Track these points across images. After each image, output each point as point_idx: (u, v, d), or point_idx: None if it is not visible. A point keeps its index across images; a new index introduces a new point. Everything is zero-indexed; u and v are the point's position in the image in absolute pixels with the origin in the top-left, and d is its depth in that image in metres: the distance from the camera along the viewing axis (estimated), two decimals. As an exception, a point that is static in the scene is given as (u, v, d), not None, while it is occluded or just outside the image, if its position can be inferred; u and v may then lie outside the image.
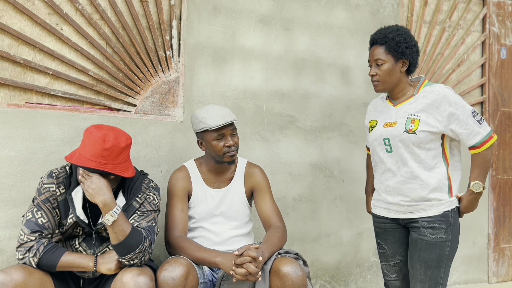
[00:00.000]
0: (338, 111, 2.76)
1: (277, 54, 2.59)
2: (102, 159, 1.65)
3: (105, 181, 1.68)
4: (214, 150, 1.97)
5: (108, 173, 1.65)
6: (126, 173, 1.70)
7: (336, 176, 2.75)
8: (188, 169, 2.06)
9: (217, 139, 1.95)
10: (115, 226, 1.64)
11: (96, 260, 1.70)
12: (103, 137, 1.65)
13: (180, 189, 1.99)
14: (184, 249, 1.86)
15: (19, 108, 2.03)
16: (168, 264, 1.69)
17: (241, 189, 2.08)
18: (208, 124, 1.92)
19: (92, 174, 1.67)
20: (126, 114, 2.23)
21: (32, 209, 1.71)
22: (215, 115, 1.94)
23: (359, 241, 2.82)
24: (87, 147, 1.66)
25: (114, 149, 1.67)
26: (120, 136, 1.71)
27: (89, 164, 1.64)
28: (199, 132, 1.99)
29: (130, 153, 1.80)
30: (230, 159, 1.98)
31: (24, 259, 1.63)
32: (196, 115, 2.00)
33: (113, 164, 1.67)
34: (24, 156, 2.02)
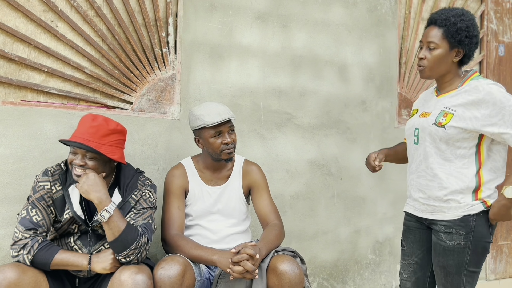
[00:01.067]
0: (336, 109, 2.75)
1: (274, 51, 2.58)
2: (88, 135, 1.67)
3: (100, 178, 1.69)
4: (211, 148, 1.96)
5: (92, 149, 1.65)
6: (112, 155, 1.69)
7: (334, 174, 2.74)
8: (184, 167, 2.04)
9: (215, 136, 1.94)
10: (111, 222, 1.64)
11: (90, 258, 1.69)
12: (93, 117, 1.72)
13: (177, 187, 1.98)
14: (181, 247, 1.85)
15: (14, 105, 2.01)
16: (164, 262, 1.68)
17: (238, 187, 2.07)
18: (206, 121, 1.91)
19: (88, 171, 1.68)
20: (122, 112, 2.22)
21: (27, 207, 1.70)
22: (213, 112, 1.93)
23: (357, 238, 2.81)
24: (77, 128, 1.72)
25: (101, 128, 1.69)
26: (110, 121, 1.74)
27: (75, 139, 1.66)
28: (196, 129, 1.98)
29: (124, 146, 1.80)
30: (227, 157, 1.97)
31: (19, 256, 1.62)
32: (193, 112, 1.98)
33: (98, 143, 1.67)
34: (19, 154, 2.01)
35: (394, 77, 2.94)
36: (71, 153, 1.72)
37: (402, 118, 2.99)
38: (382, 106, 2.90)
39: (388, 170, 2.91)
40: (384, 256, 2.90)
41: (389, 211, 2.92)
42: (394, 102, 2.95)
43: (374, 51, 2.87)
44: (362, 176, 2.83)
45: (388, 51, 2.92)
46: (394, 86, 2.95)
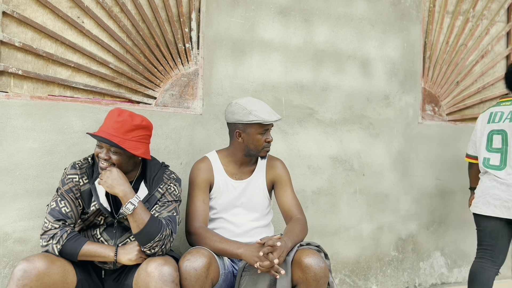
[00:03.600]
0: (358, 104, 2.72)
1: (296, 46, 2.56)
2: (113, 130, 1.70)
3: (123, 174, 1.72)
4: (254, 144, 1.96)
5: (115, 144, 1.67)
6: (135, 150, 1.71)
7: (356, 170, 2.72)
8: (210, 160, 2.05)
9: (262, 133, 1.95)
10: (135, 214, 1.66)
11: (116, 250, 1.72)
12: (118, 112, 1.74)
13: (202, 180, 1.99)
14: (206, 239, 1.86)
15: (42, 100, 2.06)
16: (190, 254, 1.69)
17: (262, 181, 2.07)
18: (262, 118, 1.90)
19: (112, 168, 1.71)
20: (146, 107, 2.24)
21: (56, 199, 1.74)
22: (265, 109, 1.94)
23: (380, 235, 2.78)
24: (104, 123, 1.74)
25: (125, 124, 1.71)
26: (136, 116, 1.75)
27: (100, 133, 1.69)
28: (242, 123, 1.95)
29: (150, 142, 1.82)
30: (265, 154, 2.01)
31: (48, 246, 1.66)
32: (243, 106, 1.94)
33: (122, 138, 1.70)
34: (47, 147, 2.06)
35: (418, 71, 2.90)
36: (97, 146, 1.75)
37: (426, 113, 2.94)
38: (405, 101, 2.86)
39: (411, 166, 2.87)
40: (407, 253, 2.86)
41: (412, 208, 2.88)
42: (418, 97, 2.90)
43: (397, 45, 2.83)
44: (385, 172, 2.79)
45: (412, 45, 2.87)
46: (418, 81, 2.90)
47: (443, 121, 2.98)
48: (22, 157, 2.01)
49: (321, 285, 1.71)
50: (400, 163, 2.84)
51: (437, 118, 2.97)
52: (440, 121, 2.97)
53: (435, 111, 2.97)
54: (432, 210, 2.94)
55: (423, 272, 2.90)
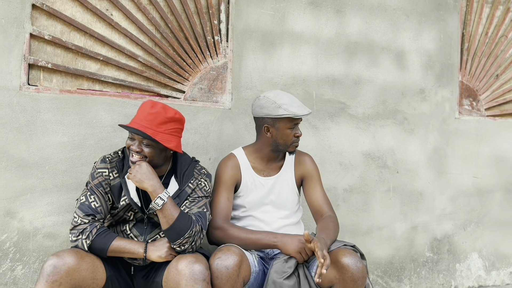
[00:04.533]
0: (392, 98, 2.61)
1: (328, 38, 2.47)
2: (146, 122, 1.66)
3: (152, 168, 1.68)
4: (284, 138, 1.90)
5: (148, 136, 1.63)
6: (167, 143, 1.67)
7: (390, 167, 2.61)
8: (237, 157, 1.99)
9: (291, 127, 1.88)
10: (164, 210, 1.62)
11: (146, 247, 1.68)
12: (152, 104, 1.70)
13: (229, 177, 1.93)
14: (235, 233, 1.80)
15: (71, 94, 2.04)
16: (221, 252, 1.64)
17: (291, 177, 2.00)
18: (293, 112, 1.82)
19: (141, 162, 1.67)
20: (175, 101, 2.20)
21: (86, 193, 1.71)
22: (295, 103, 1.87)
23: (414, 235, 2.67)
24: (137, 114, 1.71)
25: (159, 116, 1.67)
26: (169, 108, 1.71)
27: (133, 125, 1.65)
28: (271, 118, 1.87)
29: (182, 136, 1.77)
30: (294, 149, 1.95)
31: (77, 241, 1.63)
32: (272, 100, 1.86)
33: (155, 131, 1.65)
34: (76, 142, 2.03)
35: (455, 64, 2.76)
36: (129, 138, 1.71)
37: (464, 108, 2.80)
38: (442, 95, 2.73)
39: (448, 163, 2.74)
40: (443, 254, 2.74)
41: (448, 207, 2.75)
42: (455, 91, 2.77)
43: (433, 37, 2.70)
44: (420, 170, 2.68)
45: (449, 37, 2.74)
46: (455, 74, 2.76)
47: (481, 116, 2.84)
48: (52, 151, 2.00)
49: (358, 286, 1.63)
50: (435, 160, 2.72)
51: (475, 113, 2.83)
52: (478, 116, 2.83)
53: (473, 105, 2.83)
54: (469, 209, 2.80)
55: (459, 274, 2.78)
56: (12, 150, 1.94)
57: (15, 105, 1.95)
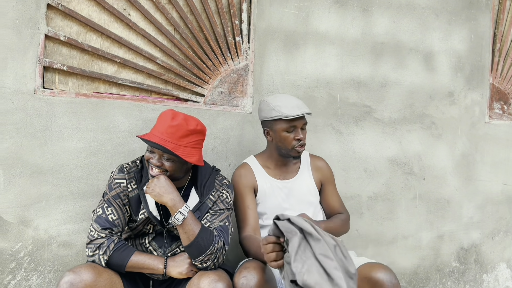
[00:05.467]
0: (420, 101, 2.49)
1: (353, 38, 2.36)
2: (167, 135, 1.56)
3: (171, 182, 1.60)
4: (282, 142, 1.82)
5: (169, 151, 1.54)
6: (189, 158, 1.58)
7: (416, 173, 2.50)
8: (249, 165, 1.91)
9: (287, 130, 1.80)
10: (185, 225, 1.54)
11: (166, 262, 1.60)
12: (172, 115, 1.60)
13: (244, 186, 1.85)
14: (248, 249, 1.71)
15: (87, 98, 1.96)
16: (246, 270, 1.54)
17: (310, 180, 1.95)
18: (283, 113, 1.76)
19: (159, 176, 1.59)
20: (195, 105, 2.11)
21: (103, 205, 1.63)
22: (290, 104, 1.79)
23: (440, 244, 2.56)
24: (156, 125, 1.62)
25: (180, 128, 1.57)
26: (191, 120, 1.62)
27: (153, 138, 1.56)
28: (268, 120, 1.84)
29: (203, 146, 1.68)
30: (297, 154, 1.85)
31: (94, 256, 1.55)
32: (268, 102, 1.83)
33: (176, 144, 1.56)
34: (92, 147, 1.96)
35: (486, 66, 2.63)
36: (148, 151, 1.62)
37: (494, 112, 2.67)
38: (471, 99, 2.60)
39: (476, 169, 2.62)
40: (470, 265, 2.63)
41: (476, 215, 2.63)
42: (486, 94, 2.63)
43: (464, 37, 2.57)
44: (447, 176, 2.56)
45: (480, 37, 2.60)
46: (486, 76, 2.63)
47: (512, 120, 2.71)
48: (67, 158, 1.92)
49: None
50: (464, 167, 2.60)
51: (506, 117, 2.70)
52: (509, 121, 2.70)
53: (504, 109, 2.69)
54: (497, 218, 2.68)
55: (486, 285, 2.66)
56: (27, 156, 1.87)
57: (30, 109, 1.87)
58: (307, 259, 1.25)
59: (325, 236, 1.30)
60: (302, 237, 1.29)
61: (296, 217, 1.31)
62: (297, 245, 1.27)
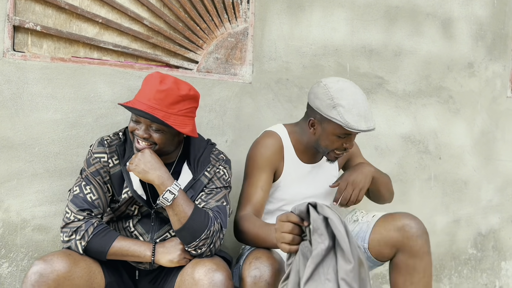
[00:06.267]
0: (437, 72, 2.26)
1: (365, 1, 2.11)
2: (155, 102, 1.33)
3: (157, 156, 1.38)
4: (326, 143, 1.54)
5: (158, 120, 1.31)
6: (182, 128, 1.35)
7: (432, 152, 2.28)
8: (280, 137, 1.61)
9: (341, 136, 1.50)
10: (175, 206, 1.32)
11: (155, 248, 1.38)
12: (161, 78, 1.37)
13: (268, 161, 1.54)
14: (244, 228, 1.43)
15: (64, 62, 1.71)
16: (257, 261, 1.29)
17: (335, 164, 1.72)
18: (345, 122, 1.43)
19: (144, 150, 1.37)
20: (187, 73, 1.87)
21: (80, 183, 1.41)
22: (357, 111, 1.44)
23: (456, 229, 2.35)
24: (142, 90, 1.38)
25: (171, 94, 1.34)
26: (182, 84, 1.39)
27: (138, 105, 1.33)
28: (321, 114, 1.50)
29: (196, 114, 1.45)
30: (334, 160, 1.58)
31: (70, 242, 1.33)
32: (329, 93, 1.47)
33: (166, 112, 1.33)
34: (71, 119, 1.72)
35: (510, 34, 2.40)
36: (133, 121, 1.39)
37: (516, 85, 2.45)
38: (493, 70, 2.37)
39: (496, 148, 2.41)
40: (487, 251, 2.43)
41: (496, 198, 2.43)
42: (508, 65, 2.41)
43: (486, 2, 2.33)
44: (465, 155, 2.35)
45: (503, 2, 2.37)
46: (509, 46, 2.40)
47: (535, 95, 2.49)
48: (42, 130, 1.69)
49: (424, 242, 1.41)
50: (483, 145, 2.38)
51: (529, 91, 2.48)
52: (532, 95, 2.48)
53: (527, 83, 2.47)
54: (517, 201, 2.48)
55: (504, 273, 2.47)
56: (-5, 129, 1.64)
57: (-2, 75, 1.63)
58: (326, 281, 1.05)
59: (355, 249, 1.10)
60: (331, 247, 1.08)
61: (335, 217, 1.09)
62: (320, 257, 1.07)
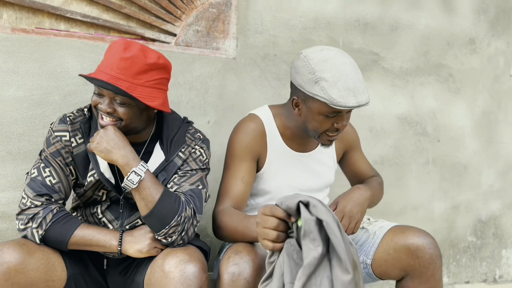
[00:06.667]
0: (436, 49, 2.11)
1: (359, -30, 1.96)
2: (118, 71, 1.18)
3: (121, 134, 1.23)
4: (313, 126, 1.33)
5: (122, 92, 1.17)
6: (150, 100, 1.21)
7: (430, 134, 2.14)
8: (263, 122, 1.42)
9: (328, 115, 1.29)
10: (142, 189, 1.18)
11: (122, 237, 1.24)
12: (125, 45, 1.22)
13: (248, 149, 1.37)
14: (223, 223, 1.29)
15: (27, 34, 1.56)
16: (237, 256, 1.15)
17: (331, 153, 1.53)
18: (331, 98, 1.22)
19: (107, 127, 1.23)
20: (164, 46, 1.71)
21: (39, 165, 1.26)
22: (347, 84, 1.23)
23: (455, 216, 2.23)
24: (104, 59, 1.23)
25: (136, 62, 1.20)
26: (150, 51, 1.24)
27: (100, 75, 1.18)
28: (303, 92, 1.30)
29: (168, 89, 1.30)
30: (328, 143, 1.37)
31: (26, 230, 1.20)
32: (309, 65, 1.26)
33: (131, 83, 1.19)
34: (36, 97, 1.57)
35: (514, 8, 2.25)
36: (95, 94, 1.24)
37: (520, 63, 2.30)
38: (495, 47, 2.23)
39: (498, 130, 2.28)
40: (487, 239, 2.31)
41: (497, 182, 2.30)
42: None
43: (489, -27, 2.18)
44: (465, 138, 2.21)
45: (507, -27, 2.21)
46: (513, 21, 2.25)
47: (540, 74, 2.34)
48: (3, 109, 1.54)
49: (438, 267, 1.27)
50: (484, 127, 2.25)
51: (534, 70, 2.33)
52: (537, 74, 2.34)
53: (532, 60, 2.32)
54: (520, 186, 2.36)
55: (505, 262, 2.36)
56: (-49, 107, 1.48)
57: (-48, 47, 1.48)
58: None
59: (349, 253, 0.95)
60: (325, 254, 0.93)
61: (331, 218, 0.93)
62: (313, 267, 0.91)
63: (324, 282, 0.91)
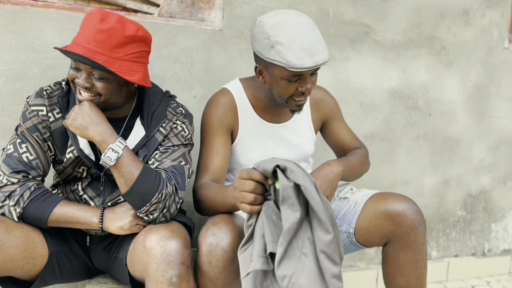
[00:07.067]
0: (429, 20, 2.05)
1: None
2: (95, 44, 1.13)
3: (98, 110, 1.19)
4: (278, 91, 1.31)
5: (100, 66, 1.12)
6: (129, 75, 1.16)
7: (421, 108, 2.11)
8: (232, 94, 1.42)
9: (289, 79, 1.26)
10: (120, 166, 1.15)
11: (103, 214, 1.22)
12: (102, 16, 1.16)
13: (220, 123, 1.37)
14: (203, 196, 1.27)
15: (2, 4, 1.49)
16: (215, 226, 1.14)
17: (307, 123, 1.50)
18: (286, 61, 1.19)
19: (83, 102, 1.18)
20: (147, 17, 1.65)
21: (15, 141, 1.22)
22: (303, 45, 1.19)
23: (445, 191, 2.22)
24: (80, 31, 1.17)
25: (114, 34, 1.14)
26: (128, 23, 1.19)
27: (76, 49, 1.13)
28: (263, 59, 1.27)
29: (148, 62, 1.25)
30: (296, 108, 1.35)
31: (3, 208, 1.17)
32: (264, 30, 1.23)
33: (109, 57, 1.14)
34: (13, 71, 1.52)
35: (510, -22, 2.18)
36: (72, 68, 1.19)
37: (515, 35, 2.25)
38: (489, 18, 2.17)
39: (491, 104, 2.24)
40: (477, 213, 2.31)
41: (488, 157, 2.28)
42: (507, 13, 2.20)
43: None
44: (457, 112, 2.18)
45: None
46: (509, -9, 2.19)
47: (535, 46, 2.29)
48: (-20, 84, 1.49)
49: (420, 233, 1.26)
50: (476, 101, 2.21)
51: (528, 42, 2.28)
52: (531, 47, 2.29)
53: (527, 32, 2.27)
54: (511, 160, 2.34)
55: (494, 235, 2.36)
56: None
57: None
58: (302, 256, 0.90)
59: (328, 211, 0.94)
60: (304, 216, 0.93)
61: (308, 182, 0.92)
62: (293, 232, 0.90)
63: (306, 244, 0.92)
